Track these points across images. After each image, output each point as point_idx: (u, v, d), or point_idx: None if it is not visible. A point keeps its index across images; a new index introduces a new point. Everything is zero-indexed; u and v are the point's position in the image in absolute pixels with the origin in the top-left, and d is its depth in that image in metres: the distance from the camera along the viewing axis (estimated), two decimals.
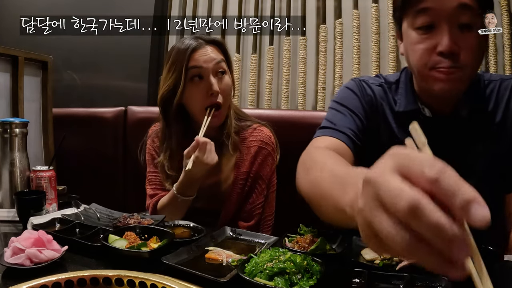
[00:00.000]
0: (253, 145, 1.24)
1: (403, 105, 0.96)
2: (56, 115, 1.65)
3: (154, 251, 0.82)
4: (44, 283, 0.65)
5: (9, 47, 1.43)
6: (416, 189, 0.33)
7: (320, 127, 0.98)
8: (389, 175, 0.34)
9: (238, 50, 2.10)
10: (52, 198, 1.20)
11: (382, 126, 0.99)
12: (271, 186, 1.28)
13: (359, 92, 1.00)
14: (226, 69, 1.22)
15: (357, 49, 1.93)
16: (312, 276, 0.71)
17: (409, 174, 0.34)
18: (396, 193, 0.33)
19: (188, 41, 1.19)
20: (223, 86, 1.19)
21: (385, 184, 0.34)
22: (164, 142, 1.26)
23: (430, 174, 0.33)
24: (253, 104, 2.06)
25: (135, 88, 2.18)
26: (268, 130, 1.28)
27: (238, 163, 1.23)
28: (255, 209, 1.23)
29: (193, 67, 1.16)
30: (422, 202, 0.32)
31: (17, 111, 1.45)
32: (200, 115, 1.19)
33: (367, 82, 1.02)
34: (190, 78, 1.17)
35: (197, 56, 1.17)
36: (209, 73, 1.17)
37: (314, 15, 2.05)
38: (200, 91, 1.17)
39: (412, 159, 0.35)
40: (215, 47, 1.21)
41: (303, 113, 1.64)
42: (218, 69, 1.19)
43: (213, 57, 1.18)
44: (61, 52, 2.07)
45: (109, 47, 2.14)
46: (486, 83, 0.96)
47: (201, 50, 1.18)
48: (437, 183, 0.32)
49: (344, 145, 0.91)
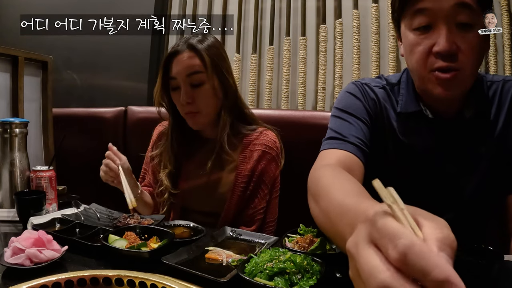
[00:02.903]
0: (257, 149, 1.23)
1: (405, 107, 0.95)
2: (56, 115, 1.65)
3: (154, 251, 0.82)
4: (44, 283, 0.65)
5: (9, 47, 1.43)
6: (389, 266, 0.32)
7: (326, 137, 0.95)
8: (362, 249, 0.34)
9: (238, 50, 2.10)
10: (52, 198, 1.20)
11: (387, 129, 0.97)
12: (274, 192, 1.26)
13: (362, 97, 0.98)
14: (204, 79, 1.16)
15: (357, 49, 1.93)
16: (312, 276, 0.71)
17: (380, 248, 0.33)
18: (368, 273, 0.32)
19: (176, 44, 1.20)
20: (200, 94, 1.17)
21: (359, 260, 0.34)
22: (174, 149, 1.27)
23: (394, 255, 0.31)
24: (253, 104, 2.07)
25: (135, 88, 2.18)
26: (273, 135, 1.27)
27: (240, 166, 1.22)
28: (256, 214, 1.22)
29: (170, 78, 1.18)
30: (391, 286, 0.31)
31: (17, 111, 1.45)
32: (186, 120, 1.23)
33: (370, 85, 1.00)
34: (172, 86, 1.20)
35: (173, 64, 1.17)
36: (182, 83, 1.16)
37: (314, 15, 2.06)
38: (177, 100, 1.19)
39: (379, 233, 0.33)
40: (193, 53, 1.16)
41: (303, 113, 1.64)
42: (192, 81, 1.16)
43: (187, 66, 1.15)
44: (61, 52, 2.07)
45: (109, 47, 2.14)
46: (488, 84, 0.95)
47: (178, 58, 1.16)
48: (403, 264, 0.31)
49: (354, 156, 0.88)
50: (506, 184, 0.96)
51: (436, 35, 0.82)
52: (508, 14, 1.77)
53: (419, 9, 0.83)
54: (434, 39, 0.82)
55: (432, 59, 0.83)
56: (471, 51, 0.81)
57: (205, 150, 1.25)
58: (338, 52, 1.95)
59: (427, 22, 0.83)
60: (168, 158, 1.25)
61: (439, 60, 0.82)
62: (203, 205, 1.25)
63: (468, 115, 0.91)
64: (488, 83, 0.95)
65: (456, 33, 0.81)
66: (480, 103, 0.92)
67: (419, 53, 0.85)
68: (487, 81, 0.95)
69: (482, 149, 0.93)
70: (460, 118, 0.92)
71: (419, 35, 0.85)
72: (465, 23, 0.81)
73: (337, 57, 1.95)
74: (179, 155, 1.24)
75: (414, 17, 0.84)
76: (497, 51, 1.80)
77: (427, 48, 0.83)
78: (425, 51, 0.83)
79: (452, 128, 0.93)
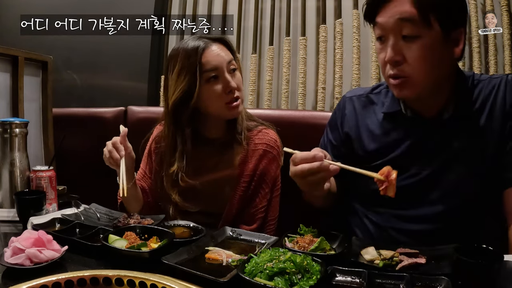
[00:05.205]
0: (259, 148, 1.23)
1: (387, 107, 1.06)
2: (56, 115, 1.65)
3: (154, 251, 0.82)
4: (44, 283, 0.65)
5: (9, 47, 1.43)
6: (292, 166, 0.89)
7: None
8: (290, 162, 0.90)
9: (238, 50, 2.10)
10: (52, 198, 1.20)
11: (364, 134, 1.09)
12: (275, 190, 1.27)
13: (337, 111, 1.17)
14: (236, 65, 1.22)
15: (357, 49, 1.93)
16: (312, 276, 0.71)
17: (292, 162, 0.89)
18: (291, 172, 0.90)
19: (193, 42, 1.18)
20: (237, 81, 1.20)
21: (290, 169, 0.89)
22: (176, 151, 1.22)
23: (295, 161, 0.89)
24: (253, 104, 2.07)
25: (135, 88, 2.18)
26: (274, 133, 1.28)
27: (242, 164, 1.22)
28: (257, 212, 1.23)
29: (209, 70, 1.15)
30: (297, 171, 0.87)
31: (17, 111, 1.45)
32: (219, 112, 1.20)
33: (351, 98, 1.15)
34: (206, 80, 1.16)
35: (208, 57, 1.16)
36: (223, 72, 1.17)
37: (314, 15, 2.06)
38: (218, 91, 1.17)
39: (292, 159, 0.90)
40: (222, 45, 1.20)
41: (303, 113, 1.64)
42: (231, 66, 1.19)
43: (224, 56, 1.18)
44: (61, 52, 2.07)
45: (109, 47, 2.14)
46: (475, 83, 0.99)
47: (210, 50, 1.16)
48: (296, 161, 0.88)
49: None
50: (498, 180, 0.97)
51: (387, 46, 0.93)
52: (508, 14, 1.77)
53: (375, 22, 0.95)
54: (386, 50, 0.93)
55: (387, 66, 0.95)
56: (417, 60, 0.90)
57: (206, 150, 1.25)
58: (338, 52, 1.95)
59: (381, 34, 0.95)
60: (175, 159, 1.23)
61: (390, 68, 0.94)
62: (204, 205, 1.24)
63: (447, 115, 0.98)
64: (475, 82, 1.00)
65: (402, 44, 0.91)
66: (462, 103, 0.97)
67: (380, 61, 0.98)
68: (474, 79, 1.00)
69: (466, 145, 0.97)
70: (440, 118, 0.99)
71: (379, 44, 0.97)
72: (409, 35, 0.89)
73: (337, 57, 1.95)
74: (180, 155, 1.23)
75: (374, 28, 0.97)
76: (497, 51, 1.80)
77: (383, 58, 0.95)
78: (382, 60, 0.96)
79: (431, 127, 0.99)
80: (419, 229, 1.01)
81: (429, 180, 1.00)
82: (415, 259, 0.81)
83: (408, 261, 0.80)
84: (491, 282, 0.71)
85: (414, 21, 0.88)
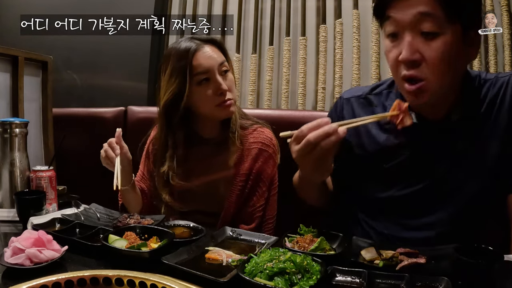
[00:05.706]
0: (254, 147, 1.23)
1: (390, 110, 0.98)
2: (56, 115, 1.65)
3: (154, 251, 0.82)
4: (44, 283, 0.65)
5: (9, 47, 1.43)
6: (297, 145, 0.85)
7: None
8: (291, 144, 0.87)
9: (238, 50, 2.10)
10: (52, 198, 1.20)
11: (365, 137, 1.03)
12: (272, 189, 1.27)
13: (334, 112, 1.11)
14: (228, 66, 1.21)
15: (357, 49, 1.93)
16: (312, 276, 0.71)
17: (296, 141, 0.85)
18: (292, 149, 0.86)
19: (185, 44, 1.17)
20: (228, 83, 1.19)
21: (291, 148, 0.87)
22: (167, 151, 1.23)
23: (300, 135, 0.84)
24: (253, 104, 2.06)
25: (135, 88, 2.18)
26: (269, 132, 1.27)
27: (237, 163, 1.22)
28: (256, 211, 1.23)
29: (200, 72, 1.15)
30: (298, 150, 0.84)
31: (17, 111, 1.45)
32: (211, 113, 1.20)
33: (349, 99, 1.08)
34: (197, 82, 1.16)
35: (200, 59, 1.15)
36: (215, 74, 1.16)
37: (314, 15, 2.06)
38: (209, 93, 1.17)
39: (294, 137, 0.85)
40: (214, 47, 1.20)
41: (303, 113, 1.64)
42: (222, 68, 1.19)
43: (215, 58, 1.17)
44: (61, 52, 2.07)
45: (109, 47, 2.13)
46: (482, 82, 0.94)
47: (202, 52, 1.16)
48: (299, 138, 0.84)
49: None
50: (504, 183, 0.95)
51: (402, 44, 0.84)
52: (508, 14, 1.77)
53: (387, 16, 0.85)
54: (401, 48, 0.84)
55: (401, 67, 0.86)
56: (436, 60, 0.82)
57: (202, 150, 1.25)
58: (338, 52, 1.95)
59: (394, 30, 0.85)
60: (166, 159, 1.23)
61: (405, 68, 0.84)
62: (202, 205, 1.24)
63: (455, 118, 0.92)
64: (481, 81, 0.94)
65: (420, 42, 0.82)
66: (470, 104, 0.93)
67: (391, 61, 0.88)
68: (481, 79, 0.95)
69: (474, 148, 0.93)
70: (447, 120, 0.93)
71: (390, 42, 0.87)
72: (430, 31, 0.81)
73: (337, 57, 1.95)
74: (177, 156, 1.23)
75: (385, 24, 0.87)
76: (497, 51, 1.80)
77: (396, 57, 0.85)
78: (394, 59, 0.86)
79: (438, 130, 0.94)
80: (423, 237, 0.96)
81: (434, 187, 0.96)
82: (415, 259, 0.81)
83: (408, 261, 0.80)
84: (491, 282, 0.71)
85: (436, 16, 0.79)
